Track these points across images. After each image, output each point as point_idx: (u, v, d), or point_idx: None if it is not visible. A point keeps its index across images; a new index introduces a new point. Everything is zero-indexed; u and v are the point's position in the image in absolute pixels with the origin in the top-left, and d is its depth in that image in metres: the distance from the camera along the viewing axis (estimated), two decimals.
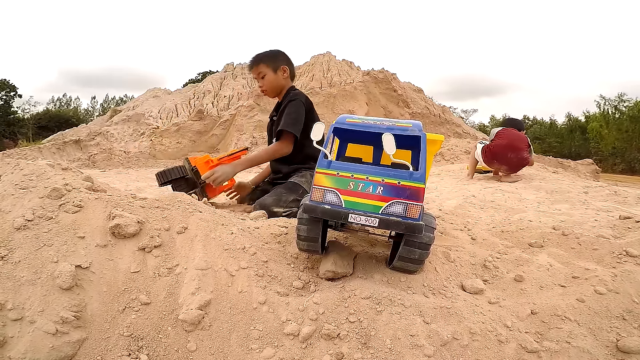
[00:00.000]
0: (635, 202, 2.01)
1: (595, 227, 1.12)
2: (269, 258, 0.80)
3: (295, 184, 1.44)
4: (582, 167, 6.04)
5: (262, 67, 1.56)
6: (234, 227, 0.84)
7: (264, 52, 1.59)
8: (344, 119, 0.78)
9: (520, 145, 2.84)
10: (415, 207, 0.62)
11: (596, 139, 18.21)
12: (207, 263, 0.74)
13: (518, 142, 2.86)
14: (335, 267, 0.76)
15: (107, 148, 6.18)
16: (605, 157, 16.91)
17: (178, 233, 0.80)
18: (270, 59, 1.57)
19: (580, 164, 6.24)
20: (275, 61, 1.57)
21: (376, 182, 0.64)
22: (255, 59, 1.58)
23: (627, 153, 16.23)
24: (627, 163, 16.13)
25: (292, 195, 1.37)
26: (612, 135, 16.88)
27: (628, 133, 16.22)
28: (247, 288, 0.72)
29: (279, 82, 1.57)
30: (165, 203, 0.86)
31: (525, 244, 1.02)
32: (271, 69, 1.56)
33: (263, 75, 1.56)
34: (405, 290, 0.73)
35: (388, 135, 0.64)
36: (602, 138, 17.56)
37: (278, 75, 1.56)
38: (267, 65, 1.56)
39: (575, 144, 20.12)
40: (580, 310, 0.74)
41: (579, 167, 6.05)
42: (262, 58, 1.57)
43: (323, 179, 0.66)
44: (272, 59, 1.57)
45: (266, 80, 1.56)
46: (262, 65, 1.56)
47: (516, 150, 2.81)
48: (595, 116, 19.09)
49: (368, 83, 8.09)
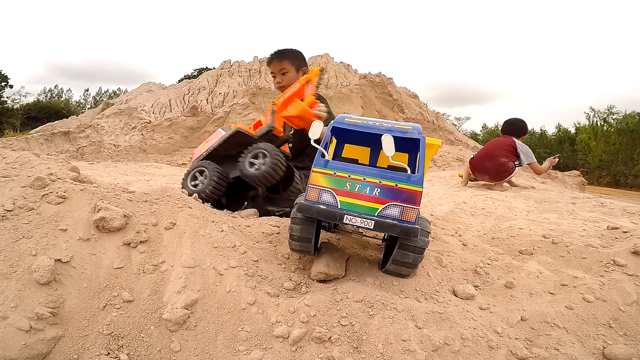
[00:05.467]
0: (621, 213, 2.05)
1: (583, 236, 1.14)
2: (260, 257, 0.78)
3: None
4: (569, 179, 6.16)
5: (286, 64, 1.53)
6: (225, 224, 0.82)
7: (289, 49, 1.57)
8: (343, 118, 0.77)
9: (495, 152, 2.77)
10: (411, 210, 0.61)
11: (584, 151, 18.62)
12: (194, 261, 0.72)
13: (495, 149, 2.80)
14: (327, 269, 0.75)
15: (96, 141, 6.05)
16: (592, 170, 17.30)
17: (166, 229, 0.78)
18: (295, 57, 1.55)
19: (567, 175, 6.37)
20: (299, 61, 1.56)
21: (373, 183, 0.63)
22: (280, 54, 1.55)
23: (613, 166, 16.64)
24: (612, 176, 16.54)
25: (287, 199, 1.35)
26: (600, 147, 17.28)
27: (615, 146, 16.64)
28: (236, 288, 0.71)
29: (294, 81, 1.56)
30: (154, 197, 0.84)
31: (516, 251, 1.03)
32: (294, 67, 1.54)
33: (285, 72, 1.53)
34: (397, 294, 0.72)
35: (387, 137, 0.63)
36: (590, 150, 17.96)
37: (299, 75, 1.53)
38: (292, 63, 1.53)
39: (564, 155, 20.53)
40: (569, 318, 0.74)
41: (566, 178, 6.18)
42: (287, 54, 1.55)
43: (319, 178, 0.65)
44: (296, 57, 1.56)
45: (287, 77, 1.53)
46: (287, 61, 1.53)
47: (492, 158, 2.75)
48: (584, 128, 19.52)
49: (364, 86, 8.13)
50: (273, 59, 1.55)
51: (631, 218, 1.94)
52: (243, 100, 7.79)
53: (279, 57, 1.54)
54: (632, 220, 1.87)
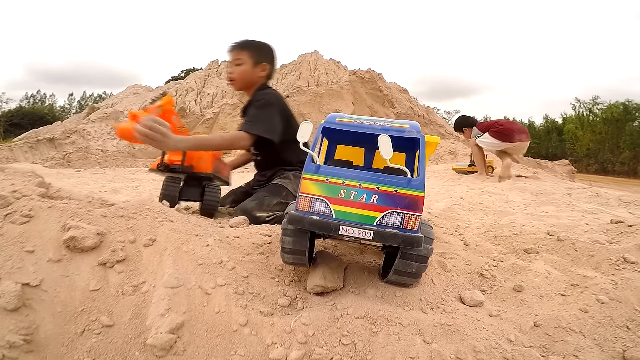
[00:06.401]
0: (617, 203, 2.04)
1: (587, 231, 1.10)
2: (250, 272, 0.72)
3: (278, 186, 1.32)
4: (559, 168, 6.23)
5: (243, 54, 1.35)
6: (210, 237, 0.75)
7: (253, 41, 1.39)
8: (334, 118, 0.71)
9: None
10: (413, 217, 0.55)
11: (572, 141, 18.94)
12: (178, 280, 0.65)
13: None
14: (324, 282, 0.69)
15: (83, 147, 5.89)
16: (580, 158, 17.62)
17: (145, 246, 0.71)
18: (256, 50, 1.37)
19: (557, 164, 6.44)
20: (260, 54, 1.37)
21: (370, 189, 0.57)
22: (241, 44, 1.36)
23: (600, 154, 16.96)
24: (600, 164, 16.86)
25: (276, 198, 1.26)
26: (587, 136, 17.59)
27: (601, 135, 16.95)
28: (225, 308, 0.64)
29: (252, 77, 1.37)
30: (130, 211, 0.77)
31: (520, 250, 0.98)
32: (252, 60, 1.35)
33: (239, 64, 1.34)
34: (401, 307, 0.66)
35: (384, 137, 0.57)
36: (578, 139, 18.27)
37: (256, 70, 1.36)
38: (250, 54, 1.35)
39: (552, 145, 20.87)
40: (585, 321, 0.70)
41: (556, 167, 6.24)
42: (248, 45, 1.36)
43: (310, 185, 0.58)
44: (257, 50, 1.37)
45: (240, 69, 1.34)
46: (245, 52, 1.35)
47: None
48: (571, 118, 19.84)
49: (354, 83, 8.08)
50: (234, 47, 1.36)
51: (627, 208, 1.93)
52: (232, 100, 7.68)
53: (238, 47, 1.35)
54: (629, 210, 1.86)
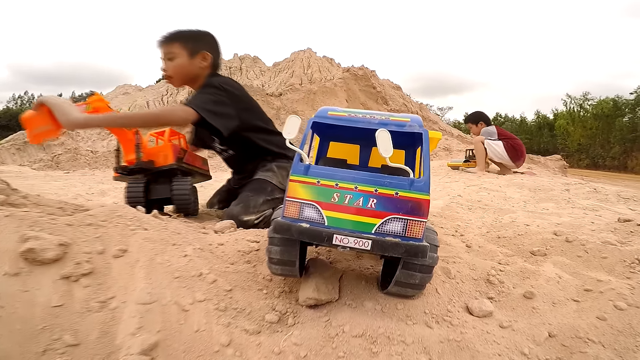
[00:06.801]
0: (617, 199, 2.01)
1: (595, 230, 1.05)
2: (235, 285, 0.65)
3: (262, 181, 1.19)
4: (551, 163, 6.25)
5: (174, 47, 1.16)
6: (189, 246, 0.68)
7: (184, 30, 1.20)
8: (326, 111, 0.64)
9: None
10: (417, 224, 0.48)
11: (563, 136, 19.14)
12: (151, 296, 0.58)
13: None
14: (317, 294, 0.62)
15: (72, 148, 5.73)
16: (572, 153, 17.82)
17: (115, 257, 0.63)
18: (189, 40, 1.18)
19: (549, 159, 6.45)
20: (195, 43, 1.18)
21: (367, 192, 0.50)
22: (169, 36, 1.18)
23: (591, 149, 17.16)
24: (591, 159, 17.07)
25: (261, 196, 1.15)
26: (578, 132, 17.79)
27: (592, 130, 17.15)
28: (205, 326, 0.57)
29: (192, 70, 1.18)
30: (100, 219, 0.69)
31: (527, 252, 0.92)
32: (187, 51, 1.16)
33: (172, 57, 1.16)
34: (404, 321, 0.59)
35: (383, 133, 0.50)
36: (569, 135, 18.48)
37: (194, 61, 1.17)
38: (183, 45, 1.16)
39: (543, 140, 21.07)
40: (603, 330, 0.64)
41: (548, 162, 6.26)
42: (178, 36, 1.18)
43: (299, 189, 0.51)
44: (191, 39, 1.18)
45: (175, 64, 1.16)
46: (177, 44, 1.16)
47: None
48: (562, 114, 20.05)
49: (348, 80, 8.01)
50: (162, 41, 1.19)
51: (627, 204, 1.90)
52: None
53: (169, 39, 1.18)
54: (629, 206, 1.82)
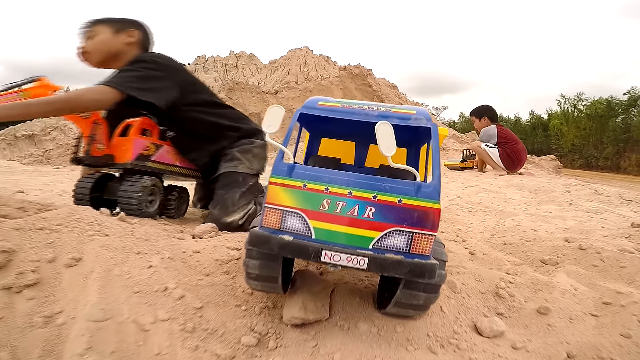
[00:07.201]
0: (619, 201, 1.95)
1: (607, 236, 0.97)
2: (207, 301, 0.56)
3: (230, 175, 1.06)
4: (546, 163, 6.23)
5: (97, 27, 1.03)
6: (157, 255, 0.58)
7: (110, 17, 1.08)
8: (316, 102, 0.55)
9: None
10: (425, 238, 0.40)
11: (557, 136, 19.27)
12: (104, 312, 0.49)
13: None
14: (305, 313, 0.53)
15: (64, 143, 5.59)
16: (565, 153, 17.95)
17: (67, 266, 0.54)
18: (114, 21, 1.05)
19: (543, 159, 6.44)
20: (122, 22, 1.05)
21: (365, 199, 0.41)
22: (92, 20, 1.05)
23: (585, 149, 17.29)
24: (584, 159, 17.20)
25: (236, 191, 1.03)
26: (572, 132, 17.92)
27: (586, 130, 17.28)
28: (167, 349, 0.48)
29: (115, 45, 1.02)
30: (54, 222, 0.59)
31: (537, 261, 0.85)
32: (112, 29, 1.03)
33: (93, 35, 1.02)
34: (404, 346, 0.51)
35: (385, 126, 0.41)
36: (563, 135, 18.60)
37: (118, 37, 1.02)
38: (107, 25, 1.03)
39: (537, 140, 21.21)
40: (628, 349, 0.56)
41: (543, 162, 6.24)
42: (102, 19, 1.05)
43: (281, 193, 0.42)
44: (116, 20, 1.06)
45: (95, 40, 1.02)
46: (99, 25, 1.03)
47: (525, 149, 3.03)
48: (556, 114, 20.17)
49: (344, 78, 7.94)
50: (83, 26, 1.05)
51: (630, 206, 1.84)
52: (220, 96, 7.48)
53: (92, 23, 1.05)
54: (633, 209, 1.76)
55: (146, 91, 0.93)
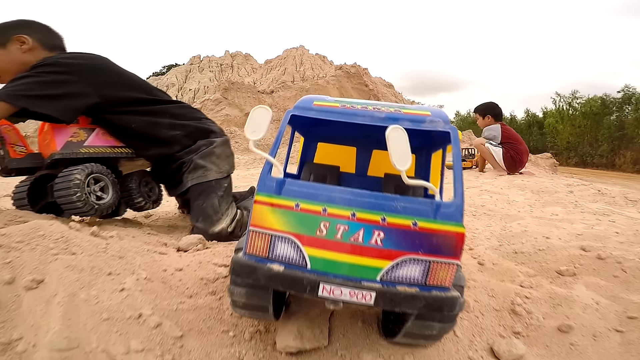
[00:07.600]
0: (624, 202, 1.90)
1: (623, 243, 0.91)
2: (189, 328, 0.49)
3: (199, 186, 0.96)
4: (542, 161, 6.21)
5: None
6: (132, 276, 0.51)
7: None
8: (310, 102, 0.48)
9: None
10: (445, 268, 0.33)
11: (552, 134, 19.35)
12: (69, 341, 0.42)
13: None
14: (301, 342, 0.47)
15: None
16: (561, 151, 18.02)
17: (26, 289, 0.47)
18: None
19: (540, 157, 6.42)
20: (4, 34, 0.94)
21: (371, 222, 0.34)
22: None
23: (580, 147, 17.38)
24: (580, 157, 17.28)
25: (213, 198, 0.94)
26: (567, 130, 18.00)
27: (581, 128, 17.36)
28: None
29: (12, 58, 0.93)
30: (15, 240, 0.52)
31: (552, 271, 0.78)
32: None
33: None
34: None
35: (398, 132, 0.34)
36: (558, 133, 18.67)
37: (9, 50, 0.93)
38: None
39: (533, 138, 21.28)
40: None
41: (539, 160, 6.22)
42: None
43: (268, 215, 0.35)
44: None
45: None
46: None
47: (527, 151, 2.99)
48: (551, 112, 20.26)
49: (340, 77, 7.89)
50: None
51: (636, 207, 1.79)
52: (215, 96, 7.41)
53: None
54: (639, 210, 1.71)
55: (42, 100, 0.81)
